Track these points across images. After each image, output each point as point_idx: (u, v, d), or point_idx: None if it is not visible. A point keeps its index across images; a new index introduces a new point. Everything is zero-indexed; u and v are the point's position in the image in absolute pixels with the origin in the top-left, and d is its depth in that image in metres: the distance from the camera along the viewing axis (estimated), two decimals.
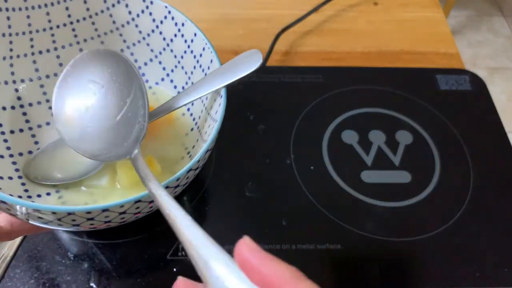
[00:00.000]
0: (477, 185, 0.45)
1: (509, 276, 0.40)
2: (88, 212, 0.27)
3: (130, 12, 0.42)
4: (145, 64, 0.44)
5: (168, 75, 0.44)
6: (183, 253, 0.39)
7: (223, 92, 0.36)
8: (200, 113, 0.40)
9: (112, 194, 0.37)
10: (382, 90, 0.52)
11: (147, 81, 0.45)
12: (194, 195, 0.43)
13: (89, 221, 0.28)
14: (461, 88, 0.53)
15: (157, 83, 0.45)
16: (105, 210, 0.27)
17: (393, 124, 0.49)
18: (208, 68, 0.38)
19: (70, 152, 0.35)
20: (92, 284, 0.37)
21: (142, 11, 0.42)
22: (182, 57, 0.42)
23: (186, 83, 0.42)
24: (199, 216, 0.42)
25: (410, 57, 0.57)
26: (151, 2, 0.41)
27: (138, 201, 0.28)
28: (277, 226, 0.42)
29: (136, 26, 0.43)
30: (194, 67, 0.40)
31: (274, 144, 0.47)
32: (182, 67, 0.42)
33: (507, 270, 0.40)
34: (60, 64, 0.43)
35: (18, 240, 0.38)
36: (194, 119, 0.42)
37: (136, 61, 0.44)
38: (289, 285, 0.21)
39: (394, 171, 0.46)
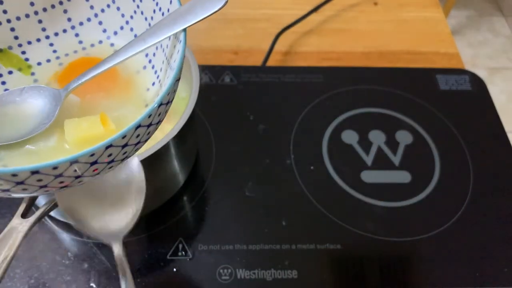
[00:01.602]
0: (477, 185, 0.45)
1: (509, 276, 0.40)
2: (14, 175, 0.24)
3: None
4: (102, 10, 0.41)
5: (127, 22, 0.40)
6: (183, 253, 0.39)
7: (182, 37, 0.32)
8: (162, 65, 0.37)
9: (60, 155, 0.33)
10: (382, 90, 0.52)
11: (104, 30, 0.41)
12: (194, 195, 0.43)
13: (19, 185, 0.25)
14: (461, 88, 0.53)
15: (115, 33, 0.41)
16: (35, 172, 0.24)
17: (393, 124, 0.49)
18: (168, 11, 0.35)
19: (12, 110, 0.33)
20: (92, 284, 0.37)
21: None
22: (141, 0, 0.38)
23: (157, 48, 0.39)
24: (199, 216, 0.42)
25: (410, 57, 0.57)
26: None
27: (75, 161, 0.24)
28: (277, 226, 0.42)
29: None
30: (154, 11, 0.37)
31: (274, 144, 0.47)
32: (142, 12, 0.39)
33: (507, 270, 0.40)
34: (13, 31, 0.39)
35: (18, 240, 0.38)
36: (156, 72, 0.38)
37: (92, 7, 0.41)
38: None
39: (394, 171, 0.46)
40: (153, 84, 0.38)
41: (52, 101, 0.34)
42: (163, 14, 0.36)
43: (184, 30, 0.32)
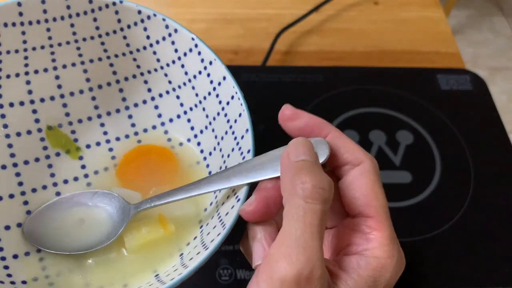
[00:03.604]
0: (478, 185, 0.45)
1: (509, 276, 0.40)
2: None
3: (158, 60, 0.37)
4: (160, 95, 0.38)
5: (185, 112, 0.37)
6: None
7: (241, 195, 0.28)
8: (219, 169, 0.34)
9: (119, 265, 0.31)
10: (383, 90, 0.52)
11: (160, 115, 0.38)
12: None
13: None
14: (461, 88, 0.53)
15: (171, 120, 0.38)
16: None
17: (394, 124, 0.49)
18: (235, 122, 0.33)
19: (81, 213, 0.31)
20: None
21: (173, 61, 0.37)
22: (204, 97, 0.36)
23: (214, 148, 0.35)
24: None
25: (411, 57, 0.57)
26: (185, 54, 0.35)
27: None
28: None
29: (166, 75, 0.37)
30: (218, 114, 0.35)
31: (274, 144, 0.47)
32: (204, 109, 0.36)
33: (507, 270, 0.40)
34: (65, 107, 0.36)
35: None
36: (210, 173, 0.35)
37: (150, 90, 0.38)
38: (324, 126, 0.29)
39: (395, 171, 0.46)
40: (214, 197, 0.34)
41: (121, 214, 0.31)
42: (228, 121, 0.33)
43: (248, 184, 0.29)
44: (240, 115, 0.32)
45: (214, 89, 0.34)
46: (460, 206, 0.44)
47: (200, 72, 0.35)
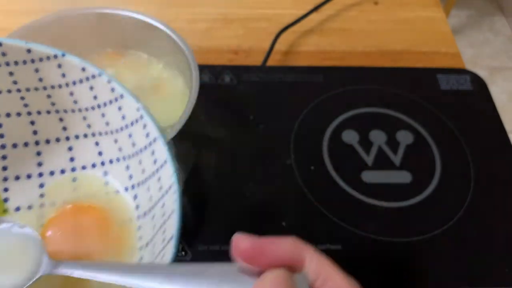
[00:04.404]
0: (478, 185, 0.45)
1: (509, 276, 0.40)
2: None
3: (107, 124, 0.34)
4: (100, 133, 0.35)
5: (124, 158, 0.35)
6: (183, 253, 0.39)
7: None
8: (149, 238, 0.32)
9: None
10: (383, 90, 0.52)
11: (100, 153, 0.35)
12: (194, 195, 0.43)
13: None
14: (462, 88, 0.53)
15: (111, 161, 0.35)
16: None
17: (394, 124, 0.49)
18: (167, 191, 0.31)
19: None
20: None
21: (122, 129, 0.34)
22: (141, 150, 0.34)
23: (150, 209, 0.33)
24: (199, 217, 0.42)
25: (411, 57, 0.57)
26: (132, 124, 0.33)
27: None
28: (277, 227, 0.41)
29: (116, 141, 0.36)
30: (151, 173, 0.33)
31: (274, 144, 0.47)
32: (140, 162, 0.34)
33: (507, 270, 0.40)
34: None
35: None
36: (140, 238, 0.32)
37: (89, 126, 0.36)
38: (297, 256, 0.23)
39: (395, 171, 0.46)
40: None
41: (29, 262, 0.26)
42: (163, 206, 0.31)
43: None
44: (171, 177, 0.30)
45: (157, 170, 0.32)
46: (460, 206, 0.44)
47: (145, 147, 0.33)
